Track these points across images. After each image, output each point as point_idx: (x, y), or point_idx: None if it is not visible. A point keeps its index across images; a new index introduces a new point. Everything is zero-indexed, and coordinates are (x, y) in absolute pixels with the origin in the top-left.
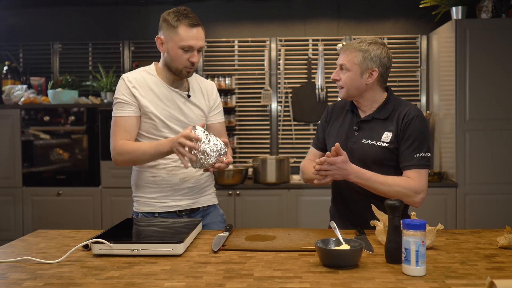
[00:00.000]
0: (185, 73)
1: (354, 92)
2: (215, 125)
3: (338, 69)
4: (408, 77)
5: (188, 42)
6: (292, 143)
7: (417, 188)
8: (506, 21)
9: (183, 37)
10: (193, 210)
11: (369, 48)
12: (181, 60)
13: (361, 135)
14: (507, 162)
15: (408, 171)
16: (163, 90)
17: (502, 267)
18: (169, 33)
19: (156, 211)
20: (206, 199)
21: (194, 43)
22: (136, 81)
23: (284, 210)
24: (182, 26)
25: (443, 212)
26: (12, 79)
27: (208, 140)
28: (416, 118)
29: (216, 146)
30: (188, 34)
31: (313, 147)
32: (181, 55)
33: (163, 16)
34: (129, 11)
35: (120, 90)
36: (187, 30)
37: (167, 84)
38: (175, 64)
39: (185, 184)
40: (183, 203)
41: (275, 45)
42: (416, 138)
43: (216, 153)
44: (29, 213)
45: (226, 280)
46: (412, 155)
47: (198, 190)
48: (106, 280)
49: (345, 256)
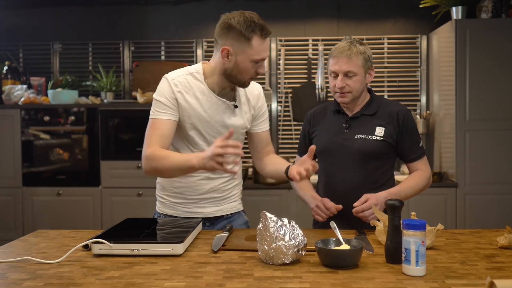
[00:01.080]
0: (247, 84)
1: (358, 94)
2: (260, 134)
3: (341, 77)
4: (408, 77)
5: (262, 55)
6: (292, 143)
7: (428, 174)
8: (506, 21)
9: (258, 50)
10: (216, 218)
11: (363, 49)
12: (250, 72)
13: (353, 132)
14: (507, 162)
15: (416, 162)
16: (209, 100)
17: (502, 267)
18: (240, 45)
19: (179, 215)
20: (231, 206)
21: (266, 55)
22: (182, 86)
23: (284, 210)
24: (256, 38)
25: (443, 212)
26: (12, 79)
27: (282, 233)
28: (408, 113)
29: (293, 242)
30: (262, 47)
31: (299, 156)
32: (251, 68)
33: (228, 23)
34: (129, 11)
35: (163, 91)
36: (261, 42)
37: (215, 91)
38: (242, 76)
39: (211, 194)
40: (207, 211)
41: (275, 45)
42: (413, 130)
43: (294, 249)
44: (29, 213)
45: (226, 280)
46: (416, 147)
47: (223, 198)
48: (106, 280)
49: (345, 256)
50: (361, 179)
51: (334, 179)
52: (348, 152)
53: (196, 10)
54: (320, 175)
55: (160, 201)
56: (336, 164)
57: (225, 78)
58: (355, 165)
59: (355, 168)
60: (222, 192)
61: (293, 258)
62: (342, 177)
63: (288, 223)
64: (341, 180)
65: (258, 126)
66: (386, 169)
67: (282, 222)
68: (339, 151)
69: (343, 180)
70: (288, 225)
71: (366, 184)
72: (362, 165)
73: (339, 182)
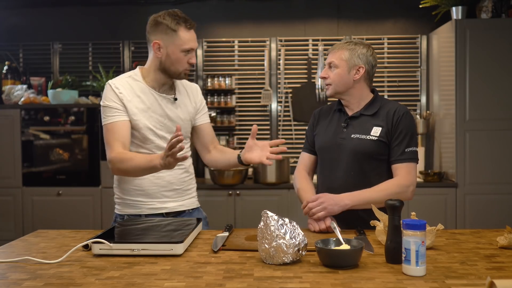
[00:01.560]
0: (183, 75)
1: (341, 88)
2: (204, 125)
3: (326, 68)
4: (408, 77)
5: (189, 44)
6: (292, 143)
7: (406, 183)
8: (506, 21)
9: (185, 40)
10: (179, 212)
11: (355, 47)
12: (182, 62)
13: (350, 131)
14: (507, 162)
15: (398, 165)
16: (150, 97)
17: (502, 267)
18: (168, 37)
19: (143, 213)
20: (190, 202)
21: (194, 45)
22: (123, 88)
23: (284, 210)
24: (182, 29)
25: (443, 212)
26: (12, 79)
27: (283, 231)
28: (406, 115)
29: (293, 241)
30: (188, 36)
31: (304, 152)
32: (182, 58)
33: (156, 20)
34: (129, 11)
35: (107, 96)
36: (187, 32)
37: (155, 89)
38: (176, 67)
39: (170, 186)
40: (169, 205)
41: (275, 45)
42: (407, 133)
43: (294, 248)
44: (29, 213)
45: (226, 280)
46: (403, 149)
47: (182, 192)
48: (106, 280)
49: (345, 256)
50: (355, 179)
51: (330, 178)
52: (343, 151)
53: (196, 10)
54: (319, 173)
55: (120, 203)
56: (333, 163)
57: (162, 73)
58: (350, 164)
59: (350, 168)
60: (181, 184)
61: (293, 257)
62: (337, 175)
63: (289, 222)
64: (336, 179)
65: (201, 118)
66: (383, 171)
67: (283, 221)
68: (336, 150)
69: (338, 179)
70: (289, 224)
71: (360, 184)
72: (356, 164)
73: (334, 181)
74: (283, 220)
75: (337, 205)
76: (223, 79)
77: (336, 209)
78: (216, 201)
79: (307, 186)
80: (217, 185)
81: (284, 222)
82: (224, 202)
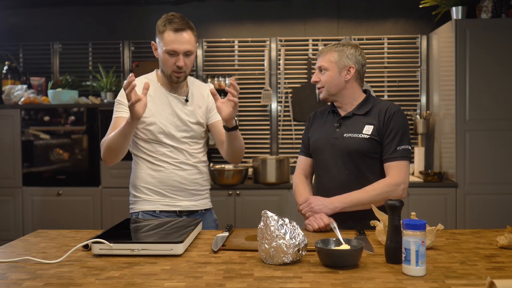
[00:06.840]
0: (174, 78)
1: (334, 90)
2: (217, 122)
3: (317, 72)
4: (408, 77)
5: (171, 46)
6: (292, 143)
7: (396, 181)
8: (506, 21)
9: (167, 41)
10: (191, 212)
11: (343, 48)
12: (168, 64)
13: (342, 131)
14: (507, 162)
15: (390, 163)
16: (161, 95)
17: (502, 267)
18: (158, 40)
19: (158, 209)
20: (204, 203)
21: (177, 47)
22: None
23: (284, 210)
24: (167, 31)
25: (443, 212)
26: (12, 79)
27: (283, 232)
28: (397, 113)
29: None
30: (172, 38)
31: (301, 155)
32: (168, 59)
33: (157, 23)
34: (129, 11)
35: (121, 93)
36: (170, 34)
37: (167, 89)
38: (165, 68)
39: (184, 185)
40: (183, 204)
41: (275, 45)
42: (398, 131)
43: (294, 249)
44: (29, 213)
45: (226, 280)
46: (394, 147)
47: (196, 192)
48: (106, 280)
49: (345, 256)
50: (349, 178)
51: (325, 178)
52: (336, 151)
53: (196, 11)
54: (315, 174)
55: (135, 202)
56: (327, 163)
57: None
58: (343, 163)
59: (344, 167)
60: (194, 185)
61: (293, 257)
62: (331, 175)
63: (289, 222)
64: (330, 179)
65: (214, 116)
66: (377, 170)
67: (283, 222)
68: (329, 150)
69: (332, 179)
70: (289, 224)
71: (354, 184)
72: (350, 163)
73: (329, 181)
74: (283, 220)
75: (326, 207)
76: (223, 79)
77: (324, 210)
78: (216, 201)
79: (301, 189)
80: (217, 185)
81: (284, 222)
82: (224, 202)
